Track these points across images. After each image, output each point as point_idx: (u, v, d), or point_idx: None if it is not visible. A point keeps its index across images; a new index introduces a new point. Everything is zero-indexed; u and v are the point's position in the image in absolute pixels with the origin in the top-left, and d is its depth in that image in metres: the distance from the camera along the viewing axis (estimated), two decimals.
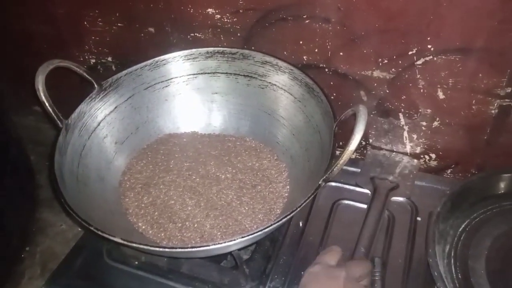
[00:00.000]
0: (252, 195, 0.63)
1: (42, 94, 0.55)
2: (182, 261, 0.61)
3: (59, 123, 0.57)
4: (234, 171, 0.65)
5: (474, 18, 0.54)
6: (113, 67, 0.84)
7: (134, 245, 0.47)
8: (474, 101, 0.61)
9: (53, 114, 0.57)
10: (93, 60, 0.84)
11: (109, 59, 0.83)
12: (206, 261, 0.61)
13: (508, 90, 0.58)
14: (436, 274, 0.51)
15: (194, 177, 0.65)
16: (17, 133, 1.00)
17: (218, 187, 0.63)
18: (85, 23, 0.78)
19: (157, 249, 0.49)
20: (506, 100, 0.59)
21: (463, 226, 0.59)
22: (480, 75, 0.58)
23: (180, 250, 0.50)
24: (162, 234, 0.58)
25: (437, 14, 0.55)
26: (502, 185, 0.61)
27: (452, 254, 0.56)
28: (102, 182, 0.62)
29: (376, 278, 0.55)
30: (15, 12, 0.85)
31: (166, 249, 0.48)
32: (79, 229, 0.93)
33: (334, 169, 0.48)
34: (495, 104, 0.60)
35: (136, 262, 0.61)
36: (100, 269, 0.63)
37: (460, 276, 0.54)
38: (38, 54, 0.86)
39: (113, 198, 0.62)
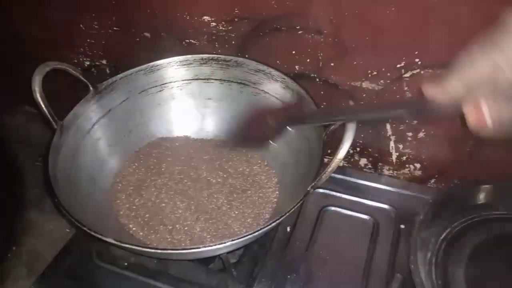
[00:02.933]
0: (242, 199, 0.64)
1: (38, 95, 0.56)
2: (170, 263, 0.62)
3: (54, 124, 0.58)
4: (225, 175, 0.66)
5: (460, 34, 0.56)
6: (107, 70, 0.84)
7: (126, 245, 0.47)
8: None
9: (48, 115, 0.57)
10: (87, 63, 0.85)
11: (104, 62, 0.83)
12: (195, 263, 0.62)
13: None
14: (417, 280, 0.53)
15: (185, 181, 0.66)
16: (5, 133, 0.99)
17: (209, 191, 0.64)
18: (81, 25, 0.79)
19: (149, 250, 0.50)
20: None
21: (444, 234, 0.61)
22: None
23: (171, 251, 0.51)
24: (153, 236, 0.59)
25: (425, 30, 0.57)
26: (482, 196, 0.63)
27: (433, 261, 0.59)
28: (94, 183, 0.63)
29: None
30: (9, 14, 0.85)
31: (158, 250, 0.49)
32: (67, 230, 0.93)
33: (323, 176, 0.50)
34: None
35: (125, 263, 0.62)
36: (89, 270, 0.63)
37: (440, 283, 0.56)
38: (32, 55, 0.85)
39: (105, 200, 0.63)
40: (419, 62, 0.60)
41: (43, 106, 0.57)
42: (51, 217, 0.97)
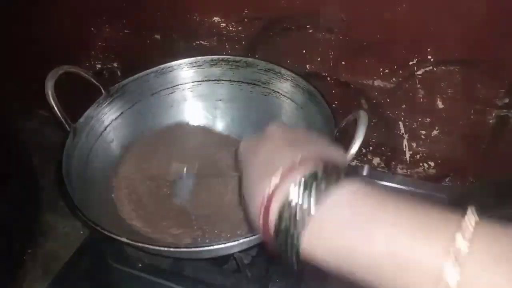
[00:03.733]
0: None
1: (51, 99, 0.57)
2: (185, 264, 0.62)
3: (67, 126, 0.59)
4: (238, 173, 0.66)
5: (474, 30, 0.55)
6: (118, 72, 0.85)
7: (140, 244, 0.48)
8: (472, 111, 0.63)
9: (61, 118, 0.58)
10: (99, 66, 0.86)
11: (115, 64, 0.84)
12: (209, 264, 0.62)
13: (506, 100, 0.60)
14: None
15: (199, 178, 0.65)
16: (21, 137, 1.01)
17: (223, 189, 0.64)
18: (92, 29, 0.80)
19: (162, 248, 0.50)
20: (504, 110, 0.61)
21: None
22: (479, 85, 0.60)
23: (184, 249, 0.51)
24: (166, 236, 0.59)
25: (438, 26, 0.56)
26: (498, 193, 0.62)
27: None
28: (107, 185, 0.63)
29: None
30: (22, 18, 0.86)
31: (171, 249, 0.49)
32: (81, 232, 0.94)
33: None
34: (493, 114, 0.62)
35: (140, 264, 0.62)
36: (104, 271, 0.63)
37: None
38: (44, 59, 0.86)
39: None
40: (432, 59, 0.60)
41: (56, 109, 0.57)
42: (66, 219, 0.98)
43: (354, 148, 0.47)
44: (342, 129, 0.55)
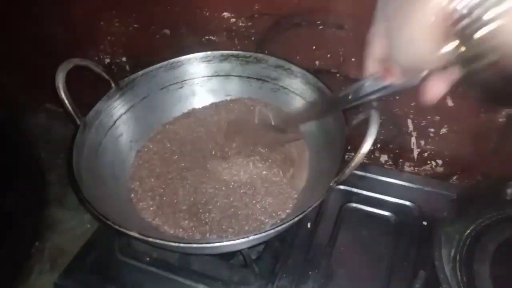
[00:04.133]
0: (262, 193, 0.63)
1: (62, 92, 0.57)
2: (193, 258, 0.62)
3: (77, 120, 0.59)
4: (244, 172, 0.66)
5: None
6: (127, 67, 0.85)
7: (150, 239, 0.48)
8: (482, 109, 0.62)
9: (72, 111, 0.58)
10: (108, 60, 0.86)
11: (124, 59, 0.84)
12: (216, 258, 0.62)
13: None
14: (442, 277, 0.52)
15: (209, 175, 0.65)
16: (29, 132, 1.01)
17: (231, 184, 0.64)
18: (102, 23, 0.80)
19: (171, 243, 0.50)
20: None
21: (468, 231, 0.60)
22: None
23: (193, 245, 0.51)
24: (179, 230, 0.59)
25: None
26: (508, 191, 0.62)
27: (458, 258, 0.58)
28: (116, 179, 0.63)
29: None
30: (31, 13, 0.87)
31: (180, 244, 0.49)
32: (88, 226, 0.94)
33: (346, 171, 0.49)
34: (503, 113, 0.62)
35: (148, 258, 0.63)
36: (112, 265, 0.64)
37: (465, 279, 0.55)
38: (53, 53, 0.86)
39: (127, 195, 0.64)
40: None
41: (67, 102, 0.57)
42: (73, 213, 0.99)
43: (366, 147, 0.47)
44: (353, 125, 0.55)
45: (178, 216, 0.61)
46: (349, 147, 0.55)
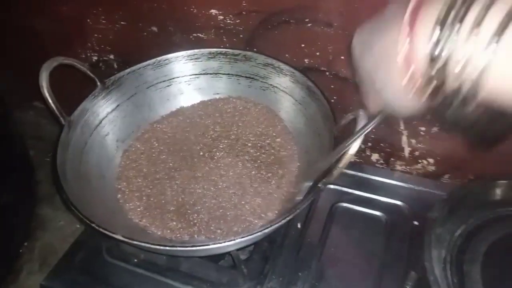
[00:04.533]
0: (251, 193, 0.63)
1: (46, 91, 0.56)
2: (181, 260, 0.61)
3: (62, 119, 0.58)
4: (233, 172, 0.65)
5: None
6: (115, 65, 0.84)
7: (135, 242, 0.47)
8: None
9: (56, 110, 0.57)
10: (95, 58, 0.85)
11: (111, 57, 0.83)
12: (205, 260, 0.61)
13: None
14: (432, 278, 0.51)
15: (197, 175, 0.65)
16: (18, 129, 1.00)
17: (220, 185, 0.63)
18: (88, 20, 0.78)
19: (157, 247, 0.49)
20: None
21: (459, 231, 0.60)
22: None
23: (180, 248, 0.51)
24: (167, 231, 0.59)
25: None
26: (498, 191, 0.62)
27: (448, 259, 0.57)
28: (103, 179, 0.62)
29: None
30: (18, 9, 0.85)
31: (167, 247, 0.48)
32: (78, 225, 0.94)
33: (334, 172, 0.49)
34: None
35: (135, 260, 0.62)
36: (99, 266, 0.63)
37: (455, 281, 0.55)
38: (40, 50, 0.85)
39: (114, 195, 0.63)
40: None
41: (50, 101, 0.56)
42: (63, 213, 0.98)
43: (354, 148, 0.46)
44: (341, 126, 0.54)
45: (166, 217, 0.60)
46: None
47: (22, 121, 1.06)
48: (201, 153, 0.66)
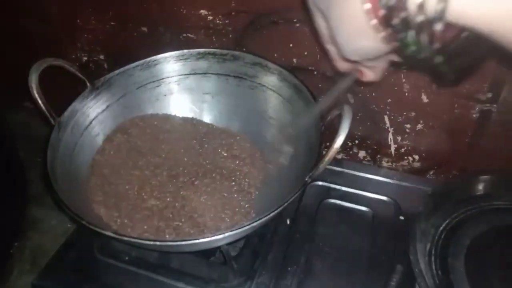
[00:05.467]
0: (233, 189, 0.64)
1: (35, 92, 0.56)
2: (172, 257, 0.62)
3: (52, 120, 0.58)
4: (222, 171, 0.66)
5: None
6: (105, 65, 0.85)
7: (125, 238, 0.48)
8: (456, 105, 0.63)
9: (46, 111, 0.58)
10: (85, 58, 0.85)
11: (101, 57, 0.84)
12: (195, 256, 0.62)
13: (489, 95, 0.61)
14: (417, 270, 0.53)
15: (185, 170, 0.65)
16: (8, 130, 1.00)
17: (205, 180, 0.64)
18: (78, 21, 0.79)
19: (148, 242, 0.50)
20: (487, 104, 0.62)
21: (444, 225, 0.61)
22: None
23: (170, 243, 0.52)
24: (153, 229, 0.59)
25: None
26: (481, 186, 0.63)
27: (433, 252, 0.59)
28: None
29: (392, 283, 0.57)
30: (7, 9, 0.85)
31: (157, 243, 0.49)
32: (69, 225, 0.94)
33: (320, 166, 0.50)
34: (477, 108, 0.63)
35: (127, 257, 0.62)
36: (91, 264, 0.63)
37: (440, 273, 0.56)
38: (31, 51, 0.85)
39: None
40: None
41: (40, 102, 0.57)
42: (54, 213, 0.98)
43: (339, 142, 0.47)
44: (328, 123, 0.55)
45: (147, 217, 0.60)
46: (328, 143, 0.56)
47: (13, 122, 1.05)
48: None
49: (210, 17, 0.69)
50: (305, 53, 0.67)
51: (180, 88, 0.71)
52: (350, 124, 0.48)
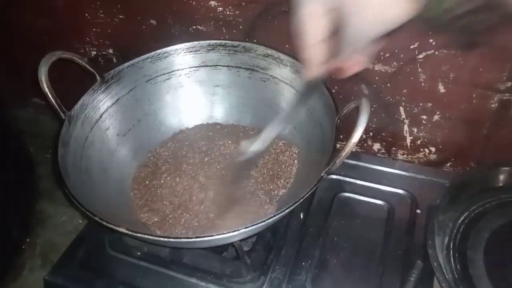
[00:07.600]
0: (254, 186, 0.63)
1: (45, 86, 0.55)
2: (184, 252, 0.61)
3: (62, 114, 0.57)
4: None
5: None
6: (114, 59, 0.84)
7: (139, 235, 0.47)
8: (474, 95, 0.62)
9: (56, 105, 0.57)
10: (94, 52, 0.84)
11: (110, 51, 0.83)
12: (208, 252, 0.61)
13: (509, 84, 0.59)
14: (435, 265, 0.51)
15: (200, 170, 0.65)
16: (16, 126, 1.00)
17: (223, 180, 0.63)
18: (86, 15, 0.78)
19: (161, 239, 0.49)
20: (506, 94, 0.60)
21: (462, 218, 0.60)
22: (481, 69, 0.59)
23: (184, 240, 0.51)
24: (166, 225, 0.59)
25: None
26: (501, 178, 0.62)
27: (451, 246, 0.57)
28: (105, 173, 0.62)
29: (412, 279, 0.56)
30: (15, 4, 0.85)
31: (171, 239, 0.48)
32: (80, 221, 0.94)
33: (337, 161, 0.49)
34: (495, 98, 0.61)
35: (139, 253, 0.62)
36: (103, 260, 0.63)
37: (458, 267, 0.55)
38: (38, 46, 0.84)
39: (116, 190, 0.63)
40: (433, 43, 0.59)
41: (50, 96, 0.56)
42: (64, 208, 0.98)
43: (356, 137, 0.46)
44: (343, 115, 0.54)
45: (169, 211, 0.60)
46: (341, 136, 0.55)
47: (21, 118, 1.05)
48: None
49: (220, 8, 0.67)
50: None
51: (190, 80, 0.70)
52: (368, 118, 0.47)
